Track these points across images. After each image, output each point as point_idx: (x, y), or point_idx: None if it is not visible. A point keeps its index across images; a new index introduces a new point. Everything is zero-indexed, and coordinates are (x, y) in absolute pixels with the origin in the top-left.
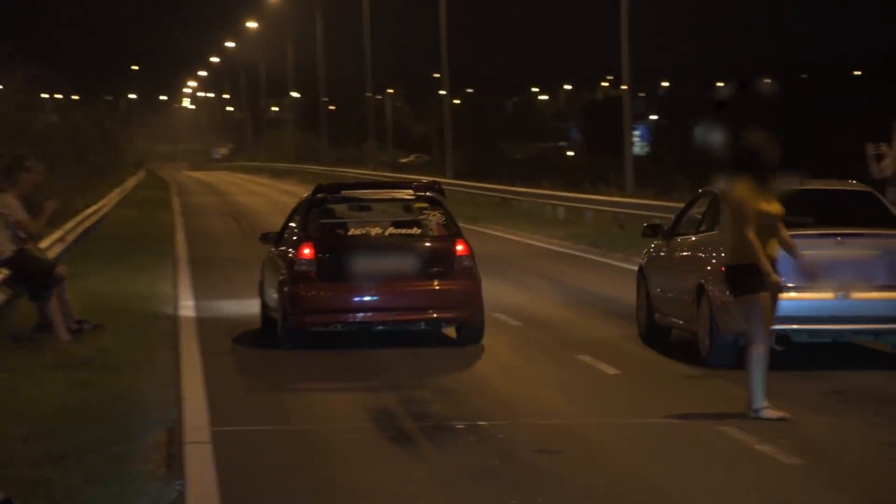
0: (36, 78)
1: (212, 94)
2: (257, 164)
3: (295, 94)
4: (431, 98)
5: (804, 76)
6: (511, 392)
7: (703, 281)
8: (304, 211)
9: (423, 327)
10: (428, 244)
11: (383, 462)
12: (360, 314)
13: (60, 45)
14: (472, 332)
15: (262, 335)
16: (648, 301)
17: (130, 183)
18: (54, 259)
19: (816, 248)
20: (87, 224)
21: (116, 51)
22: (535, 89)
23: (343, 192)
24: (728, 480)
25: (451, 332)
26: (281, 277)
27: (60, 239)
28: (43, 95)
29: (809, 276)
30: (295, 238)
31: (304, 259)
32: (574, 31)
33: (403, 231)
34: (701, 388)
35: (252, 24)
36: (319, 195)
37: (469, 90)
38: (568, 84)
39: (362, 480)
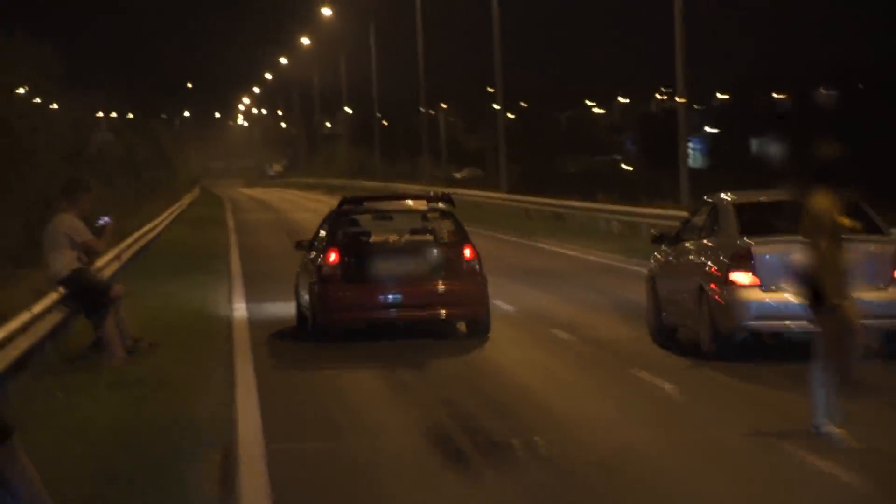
0: (91, 97)
1: (265, 111)
2: (311, 180)
3: (348, 110)
4: (485, 112)
5: (861, 85)
6: (566, 407)
7: (702, 282)
8: (331, 221)
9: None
10: (439, 249)
11: (439, 483)
12: (381, 311)
13: (115, 63)
14: (479, 327)
15: (297, 330)
16: (657, 303)
17: (185, 200)
18: (109, 278)
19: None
20: (142, 243)
21: (171, 69)
22: (589, 102)
23: (365, 203)
24: (789, 500)
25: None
26: (311, 280)
27: (116, 257)
28: (98, 115)
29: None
30: (323, 245)
31: (330, 263)
32: (629, 43)
33: (417, 237)
34: (757, 403)
35: (305, 41)
36: (345, 206)
37: (523, 104)
38: (623, 97)
39: (418, 503)
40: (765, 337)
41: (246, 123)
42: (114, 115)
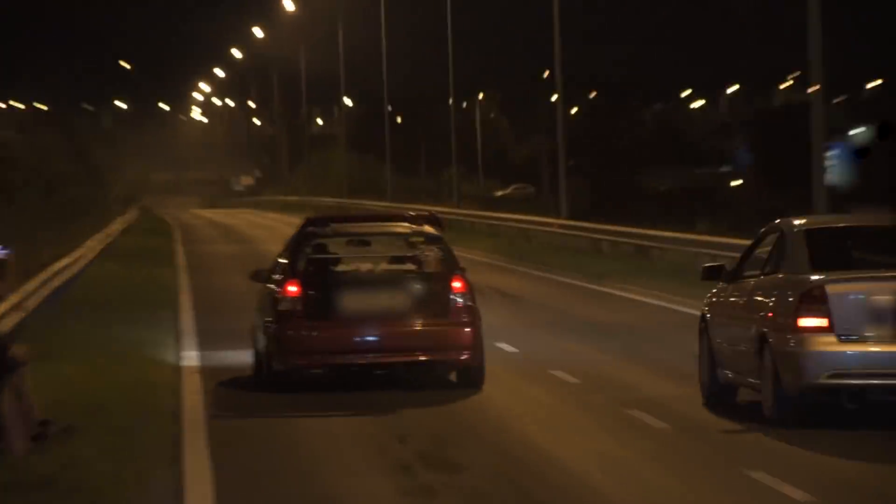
0: None
1: (232, 102)
2: (295, 198)
3: (348, 102)
4: (538, 107)
5: None
6: None
7: (765, 329)
8: (293, 246)
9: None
10: (422, 281)
11: None
12: (350, 356)
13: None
14: (471, 376)
15: (256, 384)
16: (711, 356)
17: (117, 226)
18: (8, 334)
19: (888, 293)
20: (56, 284)
21: (99, 42)
22: (685, 94)
23: (333, 225)
24: None
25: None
26: (267, 317)
27: (17, 306)
28: None
29: None
30: (282, 275)
31: (290, 297)
32: (741, 13)
33: (397, 267)
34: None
35: (288, 4)
36: (309, 228)
37: (592, 95)
38: (733, 86)
39: None
40: (843, 398)
41: (205, 119)
42: (19, 105)
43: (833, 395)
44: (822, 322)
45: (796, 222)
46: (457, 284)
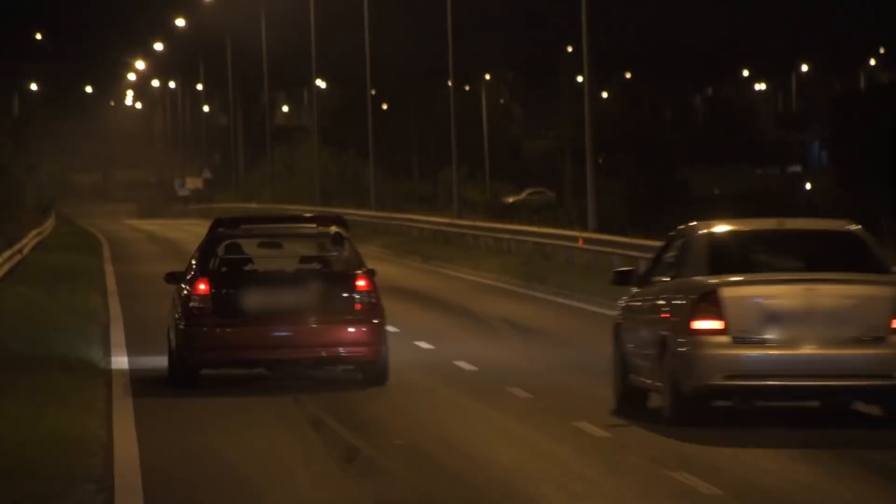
0: None
1: (174, 85)
2: (254, 205)
3: (321, 84)
4: (559, 91)
5: None
6: None
7: (664, 332)
8: (203, 247)
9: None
10: (328, 280)
11: None
12: (259, 351)
13: None
14: (374, 372)
15: (168, 380)
16: (623, 361)
17: (30, 241)
18: None
19: (783, 296)
20: None
21: (6, 11)
22: (746, 73)
23: (242, 226)
24: None
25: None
26: (177, 315)
27: None
28: None
29: None
30: (192, 274)
31: (199, 295)
32: None
33: (303, 266)
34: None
35: None
36: (219, 230)
37: (627, 76)
38: (805, 64)
39: None
40: (735, 399)
41: (139, 105)
42: None
43: (727, 396)
44: (716, 324)
45: (700, 227)
46: (361, 283)
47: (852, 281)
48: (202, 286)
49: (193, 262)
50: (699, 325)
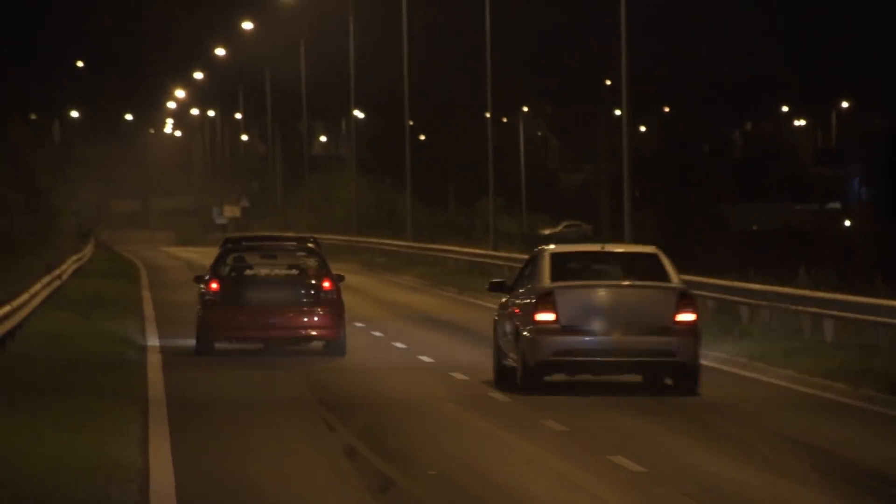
0: None
1: (213, 113)
2: (292, 234)
3: (359, 114)
4: (596, 125)
5: None
6: None
7: (518, 323)
8: (216, 257)
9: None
10: (302, 281)
11: None
12: (252, 331)
13: None
14: (336, 347)
15: (195, 352)
16: (499, 348)
17: (69, 267)
18: None
19: (598, 297)
20: None
21: (49, 36)
22: (785, 109)
23: (244, 242)
24: None
25: None
26: (198, 306)
27: None
28: None
29: None
30: (208, 276)
31: (212, 292)
32: (859, 9)
33: (286, 272)
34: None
35: None
36: (228, 245)
37: (665, 109)
38: (846, 100)
39: None
40: (565, 371)
41: (178, 133)
42: None
43: (559, 369)
44: (550, 317)
45: (546, 250)
46: (326, 284)
47: (648, 287)
48: (214, 285)
49: (210, 268)
50: (539, 317)
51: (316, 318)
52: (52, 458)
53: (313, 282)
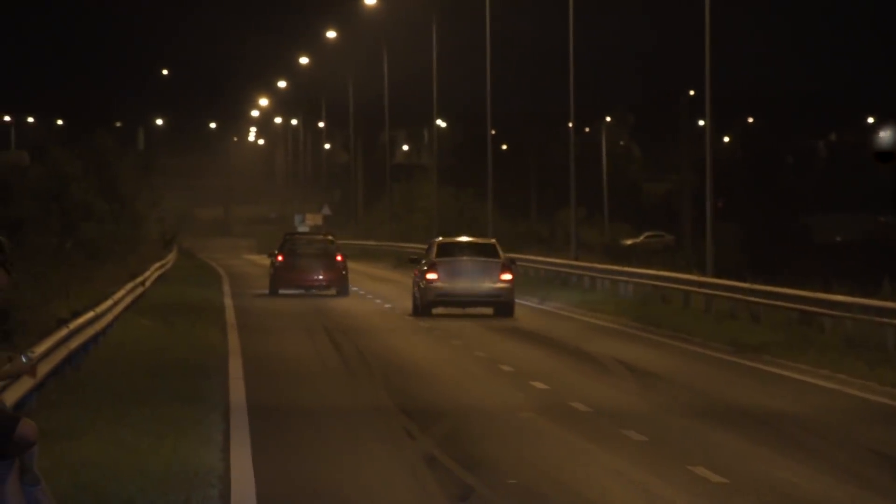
0: None
1: (296, 121)
2: (373, 242)
3: (441, 123)
4: (681, 133)
5: None
6: None
7: (418, 280)
8: (281, 242)
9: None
10: (326, 255)
11: None
12: (299, 284)
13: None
14: (342, 292)
15: (269, 294)
16: (414, 294)
17: (152, 273)
18: (14, 406)
19: (465, 263)
20: (74, 345)
21: (135, 47)
22: (870, 120)
23: (296, 237)
24: None
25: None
26: (270, 268)
27: (27, 370)
28: (3, 118)
29: None
30: (276, 251)
31: (278, 261)
32: None
33: (316, 249)
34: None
35: (370, 1)
36: (287, 236)
37: (749, 119)
38: None
39: None
40: (441, 306)
41: (261, 142)
42: (30, 119)
43: (438, 305)
44: (435, 276)
45: (436, 239)
46: (339, 258)
47: (486, 260)
48: (280, 258)
49: (277, 248)
50: (429, 276)
51: (332, 275)
52: (135, 464)
53: (331, 255)
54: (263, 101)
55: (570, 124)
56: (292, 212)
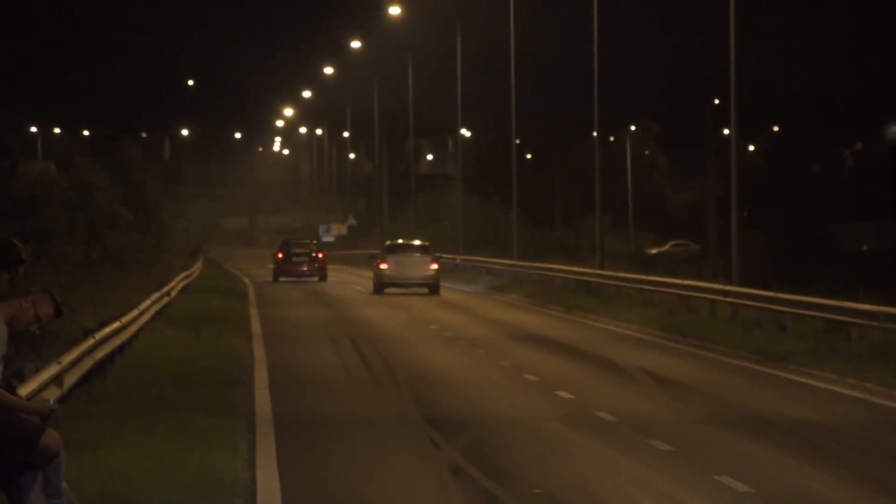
0: (18, 98)
1: (321, 131)
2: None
3: (465, 133)
4: (706, 142)
5: None
6: None
7: (375, 269)
8: (282, 244)
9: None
10: (311, 254)
11: None
12: (294, 275)
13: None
14: (322, 280)
15: (272, 281)
16: (374, 278)
17: (178, 283)
18: (41, 417)
19: (406, 257)
20: (100, 355)
21: (161, 58)
22: None
23: (293, 240)
24: None
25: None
26: (271, 264)
27: (54, 380)
28: (30, 129)
29: None
30: (277, 249)
31: (278, 258)
32: None
33: (304, 250)
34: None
35: (394, 10)
36: (285, 240)
37: (775, 128)
38: None
39: None
40: (392, 287)
41: (286, 152)
42: (56, 130)
43: (390, 286)
44: (386, 266)
45: (388, 242)
46: (320, 256)
47: (422, 255)
48: (280, 255)
49: (279, 248)
50: (381, 266)
51: (315, 268)
52: (161, 474)
53: (314, 254)
54: (288, 112)
55: (595, 133)
56: (317, 222)
